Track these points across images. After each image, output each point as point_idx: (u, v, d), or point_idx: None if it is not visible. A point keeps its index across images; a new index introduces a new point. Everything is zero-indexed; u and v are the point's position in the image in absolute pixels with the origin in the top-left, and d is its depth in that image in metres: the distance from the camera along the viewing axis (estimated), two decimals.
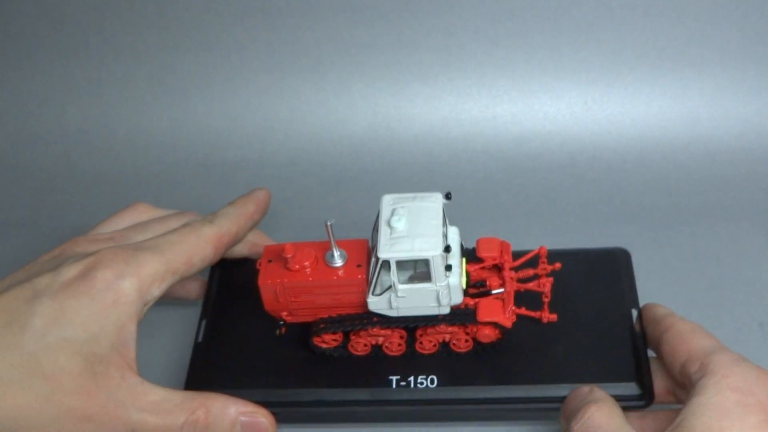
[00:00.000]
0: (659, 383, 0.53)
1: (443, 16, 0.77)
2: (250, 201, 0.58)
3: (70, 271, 0.49)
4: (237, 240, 0.57)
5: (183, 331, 0.62)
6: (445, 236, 0.51)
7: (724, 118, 0.77)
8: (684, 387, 0.50)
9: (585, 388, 0.51)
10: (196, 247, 0.53)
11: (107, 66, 0.80)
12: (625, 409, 0.50)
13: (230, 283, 0.60)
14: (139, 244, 0.52)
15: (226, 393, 0.52)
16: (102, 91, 0.80)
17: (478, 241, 0.55)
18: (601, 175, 0.75)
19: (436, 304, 0.52)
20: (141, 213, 0.58)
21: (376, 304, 0.52)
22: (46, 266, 0.51)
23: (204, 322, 0.58)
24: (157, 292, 0.51)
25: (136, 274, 0.49)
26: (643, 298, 0.65)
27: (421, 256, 0.49)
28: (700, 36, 0.76)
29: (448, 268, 0.50)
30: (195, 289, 0.61)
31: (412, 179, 0.76)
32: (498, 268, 0.55)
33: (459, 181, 0.76)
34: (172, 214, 0.58)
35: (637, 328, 0.55)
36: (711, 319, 0.63)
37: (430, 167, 0.77)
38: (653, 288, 0.66)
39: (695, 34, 0.77)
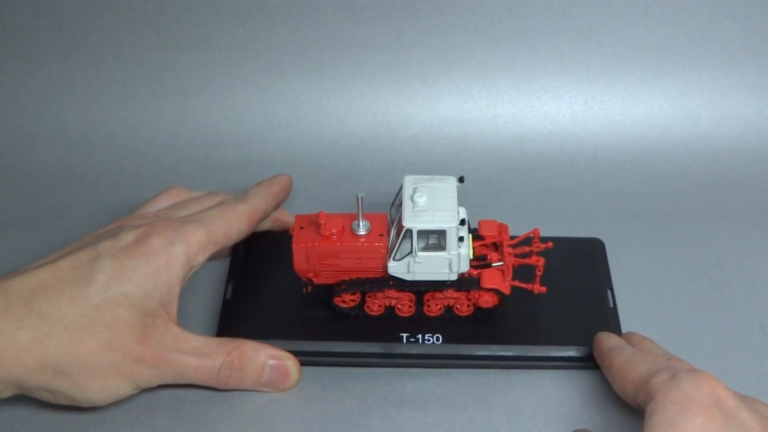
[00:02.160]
0: None
1: (443, 16, 0.77)
2: (275, 183, 0.66)
3: (128, 237, 0.55)
4: (265, 216, 0.64)
5: (209, 292, 0.66)
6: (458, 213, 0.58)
7: (724, 118, 0.77)
8: None
9: None
10: (232, 221, 0.60)
11: (107, 66, 0.80)
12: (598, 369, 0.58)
13: (254, 251, 0.67)
14: (185, 218, 0.58)
15: None
16: (102, 91, 0.80)
17: (479, 222, 0.62)
18: (601, 174, 0.75)
19: (447, 271, 0.59)
20: (176, 195, 0.64)
21: (395, 268, 0.59)
22: (104, 236, 0.57)
23: (231, 285, 0.64)
24: (201, 258, 0.57)
25: (184, 241, 0.56)
26: (644, 297, 0.65)
27: (440, 226, 0.56)
28: (701, 36, 0.77)
29: (461, 239, 0.57)
30: (225, 249, 0.66)
31: None
32: (496, 246, 0.61)
33: None
34: (205, 195, 0.64)
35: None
36: (711, 319, 0.63)
37: (431, 167, 0.77)
38: (654, 287, 0.66)
39: (695, 34, 0.77)
